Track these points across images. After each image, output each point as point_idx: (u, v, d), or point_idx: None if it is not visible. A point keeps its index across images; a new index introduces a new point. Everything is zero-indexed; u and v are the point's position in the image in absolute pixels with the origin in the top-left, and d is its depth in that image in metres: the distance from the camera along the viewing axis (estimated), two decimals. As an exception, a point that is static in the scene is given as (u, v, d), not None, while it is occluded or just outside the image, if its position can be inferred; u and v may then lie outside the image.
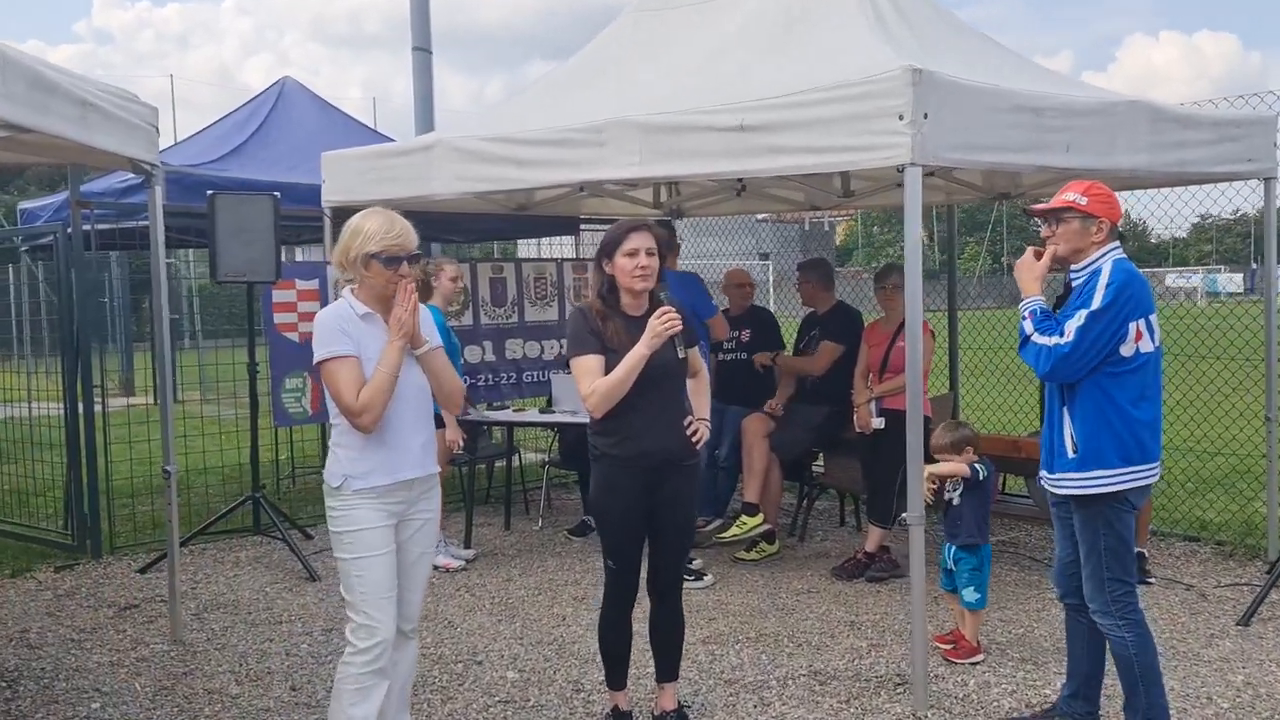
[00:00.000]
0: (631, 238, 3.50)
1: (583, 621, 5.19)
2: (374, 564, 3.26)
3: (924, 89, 3.78)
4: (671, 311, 3.43)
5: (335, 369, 3.20)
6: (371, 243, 3.21)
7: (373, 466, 3.25)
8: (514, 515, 7.35)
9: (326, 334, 3.22)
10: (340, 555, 3.30)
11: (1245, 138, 5.32)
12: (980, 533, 4.58)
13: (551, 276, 8.42)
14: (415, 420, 3.36)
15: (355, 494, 3.24)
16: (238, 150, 7.61)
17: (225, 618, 5.38)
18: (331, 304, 3.37)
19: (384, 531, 3.28)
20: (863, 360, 6.04)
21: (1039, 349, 3.41)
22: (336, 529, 3.29)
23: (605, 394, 3.45)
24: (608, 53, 6.17)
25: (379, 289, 3.26)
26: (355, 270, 3.26)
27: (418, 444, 3.36)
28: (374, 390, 3.19)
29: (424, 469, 3.38)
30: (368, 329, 3.27)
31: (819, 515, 7.08)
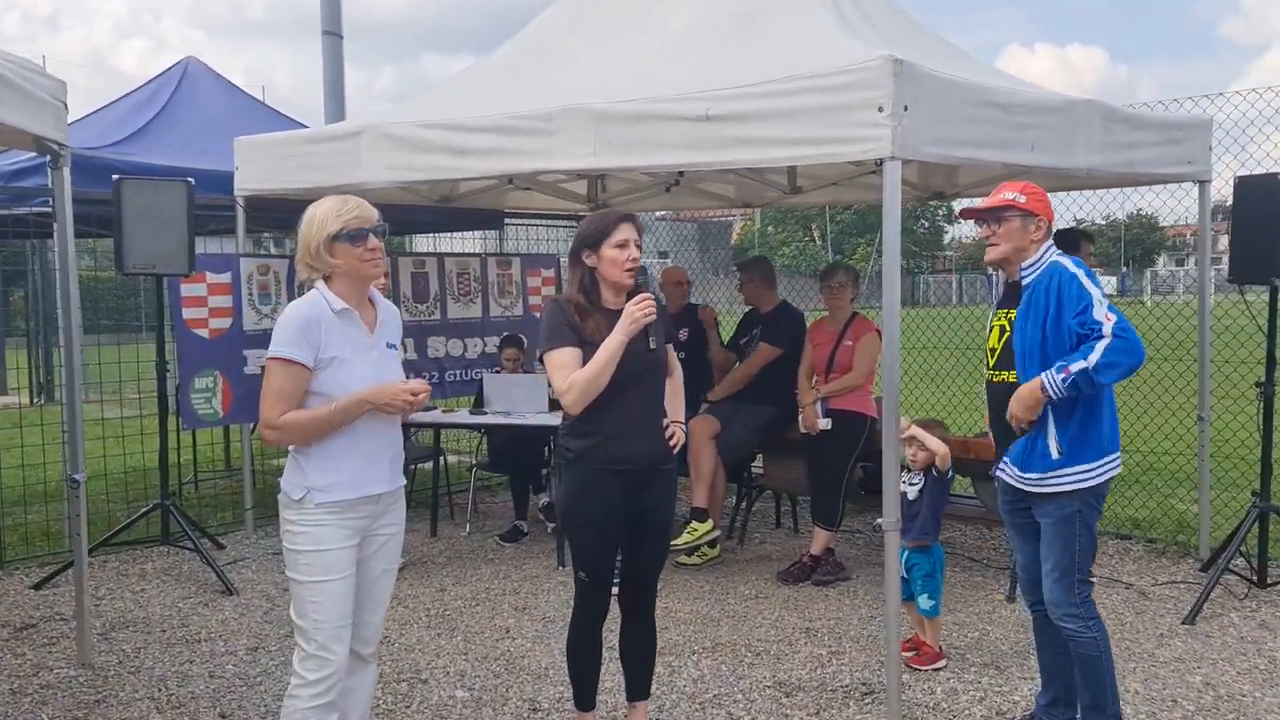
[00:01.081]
0: (622, 228, 3.29)
1: (527, 634, 4.95)
2: (332, 589, 2.99)
3: (905, 80, 3.66)
4: (650, 298, 3.22)
5: (276, 371, 2.94)
6: (330, 224, 2.96)
7: (339, 479, 2.98)
8: (440, 520, 7.04)
9: (286, 332, 2.94)
10: (295, 576, 3.02)
11: (1186, 140, 5.39)
12: (933, 531, 4.49)
13: (475, 272, 8.11)
14: (387, 429, 3.09)
15: (318, 508, 2.97)
16: (141, 133, 7.08)
17: (136, 637, 4.96)
18: (305, 296, 3.05)
19: (346, 553, 3.01)
20: (807, 360, 5.93)
21: (1103, 357, 3.22)
22: (294, 546, 3.00)
23: (584, 386, 3.22)
24: (545, 41, 5.92)
25: (353, 271, 2.99)
26: (323, 261, 2.98)
27: (388, 456, 3.11)
28: None
29: (392, 482, 3.13)
30: (343, 328, 3.00)
31: (754, 517, 6.96)
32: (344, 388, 2.94)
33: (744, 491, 6.69)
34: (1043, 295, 3.40)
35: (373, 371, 3.00)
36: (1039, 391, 3.32)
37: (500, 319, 8.21)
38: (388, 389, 2.96)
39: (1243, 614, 5.06)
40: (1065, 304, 3.32)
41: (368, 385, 2.95)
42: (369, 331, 3.06)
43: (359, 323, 3.03)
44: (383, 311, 3.16)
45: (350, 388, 2.94)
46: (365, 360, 3.01)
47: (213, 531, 6.71)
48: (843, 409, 5.68)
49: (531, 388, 6.57)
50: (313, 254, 2.98)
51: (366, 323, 3.06)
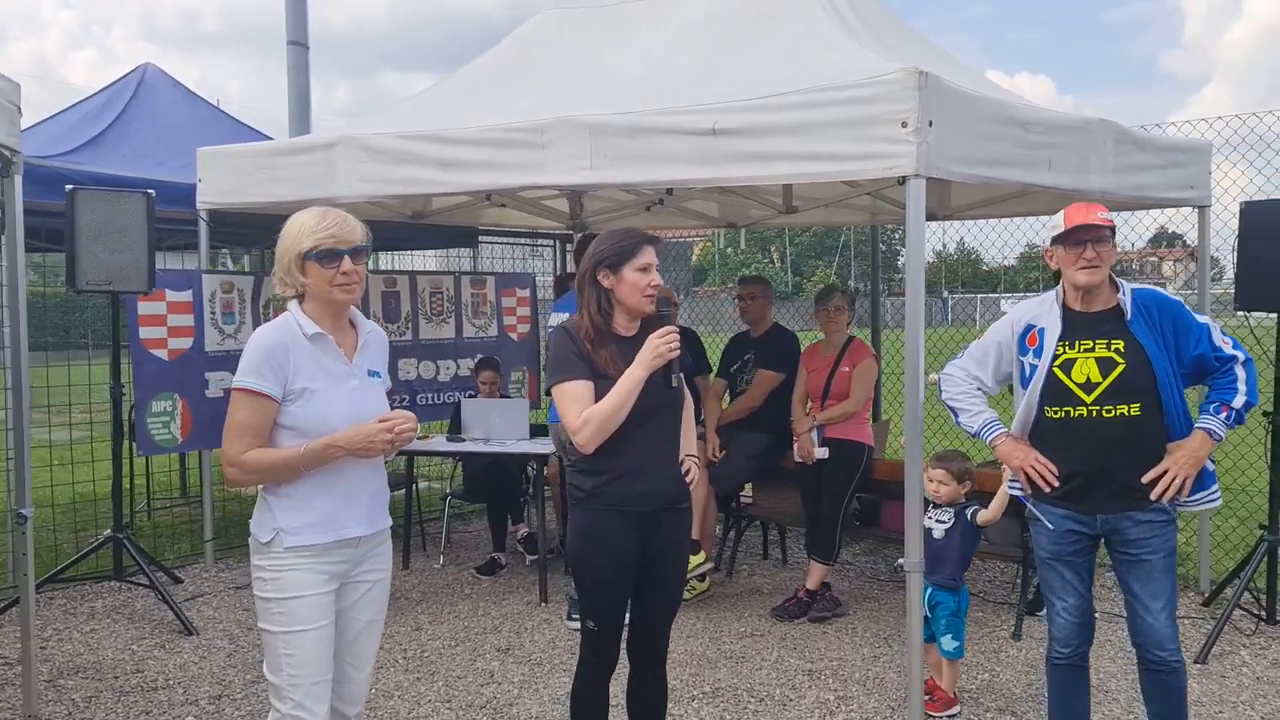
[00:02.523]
0: (646, 250, 3.03)
1: (513, 678, 4.64)
2: (308, 640, 2.71)
3: (929, 95, 3.46)
4: (675, 332, 2.97)
5: (241, 404, 2.67)
6: (303, 240, 2.69)
7: (311, 520, 2.71)
8: (411, 551, 6.71)
9: (252, 361, 2.67)
10: (266, 627, 2.74)
11: (1188, 164, 5.26)
12: (961, 573, 4.27)
13: (448, 291, 7.81)
14: (367, 465, 2.79)
15: (288, 552, 2.69)
16: (95, 142, 6.70)
17: (87, 684, 4.58)
18: (276, 320, 2.79)
19: (322, 600, 2.73)
20: (801, 386, 5.71)
21: (1250, 384, 3.21)
22: (264, 594, 2.72)
23: (601, 424, 2.95)
24: (533, 49, 5.69)
25: (323, 295, 2.72)
26: (294, 279, 2.72)
27: (368, 494, 2.81)
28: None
29: (373, 524, 2.84)
30: (316, 355, 2.73)
31: (741, 547, 6.71)
32: (317, 421, 2.68)
33: (732, 522, 6.44)
34: (1156, 322, 3.22)
35: (349, 404, 2.73)
36: (1211, 442, 3.20)
37: (474, 340, 7.91)
38: (363, 431, 2.67)
39: (1253, 651, 4.90)
40: (1185, 331, 3.20)
41: (344, 419, 2.69)
42: (347, 358, 2.79)
43: (335, 349, 2.76)
44: (365, 335, 2.88)
45: (325, 421, 2.68)
46: (341, 391, 2.74)
47: (169, 565, 6.32)
48: (840, 437, 5.46)
49: (511, 413, 6.29)
50: (285, 269, 2.73)
51: (345, 348, 2.79)
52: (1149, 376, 3.16)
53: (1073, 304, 3.31)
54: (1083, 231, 3.18)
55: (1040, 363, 3.28)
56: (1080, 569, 3.35)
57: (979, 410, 3.44)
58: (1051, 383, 3.26)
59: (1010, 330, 3.42)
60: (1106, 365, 3.20)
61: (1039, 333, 3.33)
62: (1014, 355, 3.40)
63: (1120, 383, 3.18)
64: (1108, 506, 3.24)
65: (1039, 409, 3.30)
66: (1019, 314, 3.44)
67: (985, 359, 3.48)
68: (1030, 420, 3.34)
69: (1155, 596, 3.24)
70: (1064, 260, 3.24)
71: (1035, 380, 3.29)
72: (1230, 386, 3.19)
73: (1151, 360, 3.16)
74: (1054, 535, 3.33)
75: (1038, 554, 3.44)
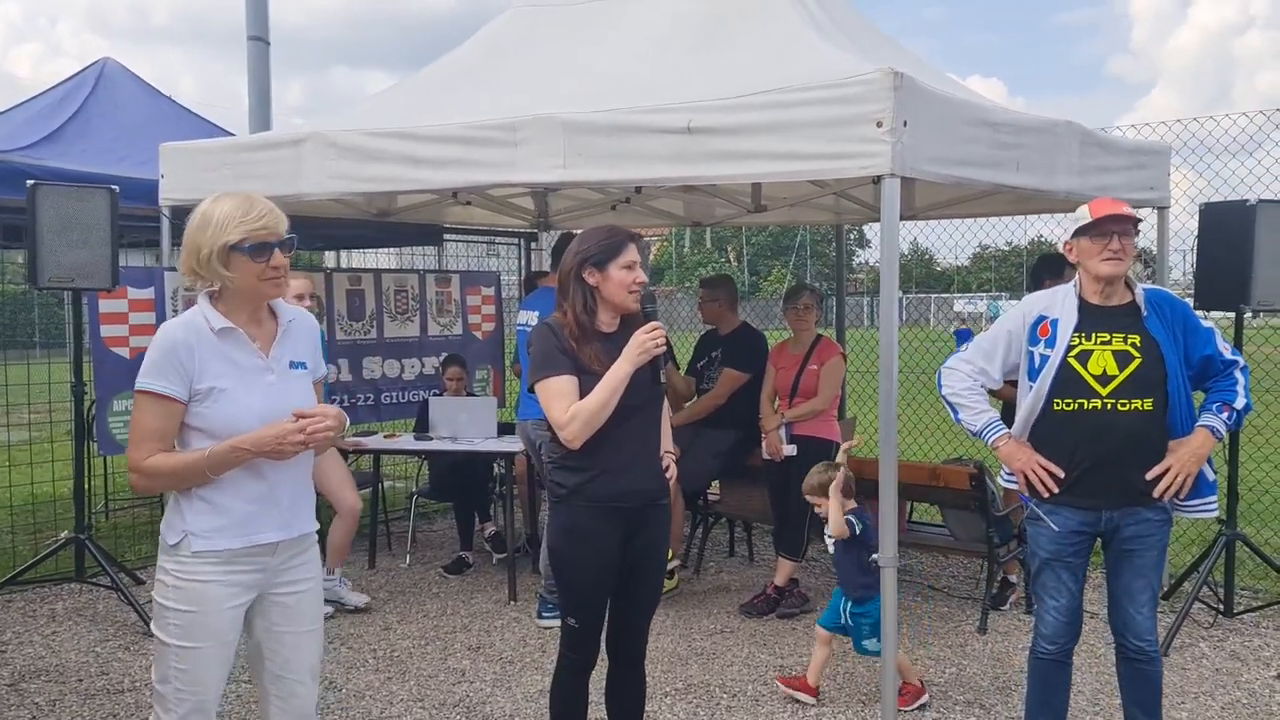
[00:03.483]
0: (631, 248, 3.05)
1: (485, 677, 4.63)
2: (204, 658, 2.53)
3: (904, 95, 3.50)
4: (660, 328, 2.99)
5: (144, 406, 2.51)
6: (229, 231, 2.50)
7: (224, 523, 2.53)
8: (377, 551, 6.66)
9: (153, 361, 2.50)
10: (160, 635, 2.55)
11: (1149, 166, 5.38)
12: (871, 583, 4.28)
13: (413, 289, 7.76)
14: (290, 465, 2.61)
15: (196, 557, 2.51)
16: (55, 135, 6.58)
17: (50, 688, 4.50)
18: (182, 315, 2.62)
19: (229, 615, 2.56)
20: (769, 384, 5.75)
21: (1247, 387, 3.33)
22: (165, 600, 2.54)
23: (588, 419, 2.95)
24: (503, 46, 5.66)
25: (249, 290, 2.56)
26: (213, 272, 2.53)
27: (288, 497, 2.64)
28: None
29: (291, 529, 2.65)
30: (225, 351, 2.55)
31: (709, 545, 6.73)
32: (226, 422, 2.51)
33: (699, 519, 6.47)
34: (1169, 320, 3.29)
35: (262, 401, 2.55)
36: (1213, 440, 3.27)
37: (439, 338, 7.87)
38: (272, 432, 2.48)
39: (1212, 644, 5.02)
40: (1194, 332, 3.28)
41: (255, 418, 2.52)
42: (262, 352, 2.61)
43: (247, 343, 2.58)
44: (285, 323, 2.69)
45: (234, 421, 2.51)
46: (255, 388, 2.56)
47: (130, 565, 6.21)
48: (808, 435, 5.50)
49: (480, 411, 6.27)
50: (202, 261, 2.52)
51: (260, 341, 2.61)
52: (1162, 372, 3.21)
53: (1090, 297, 3.34)
54: (1111, 223, 3.22)
55: (1053, 353, 3.30)
56: (1076, 569, 3.40)
57: (981, 409, 3.46)
58: (1065, 373, 3.27)
59: (1022, 320, 3.44)
60: (1123, 359, 3.22)
61: (1051, 323, 3.35)
62: (1024, 346, 3.42)
63: (1137, 377, 3.21)
64: (1113, 503, 3.28)
65: (1048, 400, 3.31)
66: (1030, 304, 3.47)
67: (994, 350, 3.48)
68: (1036, 412, 3.35)
69: (1143, 590, 3.32)
70: (1088, 251, 3.28)
71: (1046, 371, 3.30)
72: (1231, 389, 3.27)
73: (1165, 357, 3.22)
74: (1056, 536, 3.36)
75: (1034, 553, 3.46)
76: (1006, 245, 48.40)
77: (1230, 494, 5.24)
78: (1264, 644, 4.99)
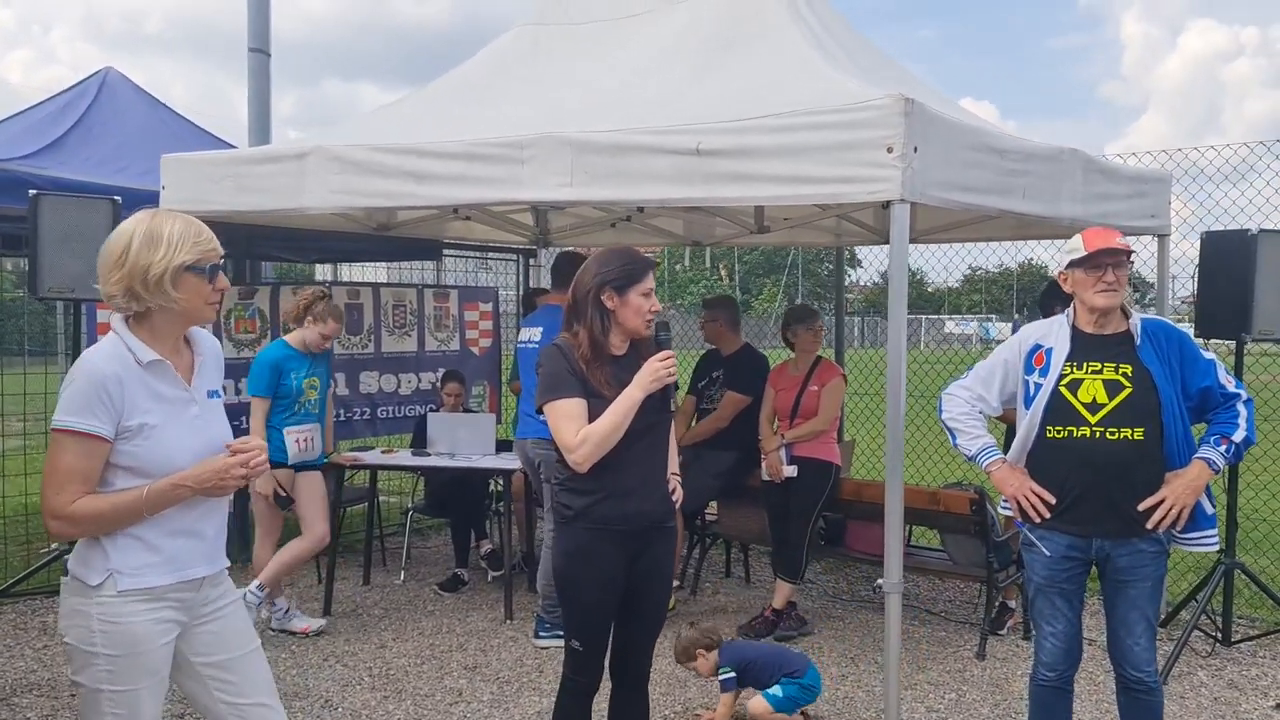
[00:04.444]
0: (650, 276, 3.08)
1: (482, 697, 4.59)
2: (143, 698, 2.39)
3: (915, 120, 3.51)
4: (673, 356, 2.98)
5: (67, 446, 2.30)
6: (184, 250, 2.38)
7: (153, 559, 2.39)
8: (372, 567, 6.61)
9: (79, 397, 2.31)
10: (86, 682, 2.37)
11: (1151, 194, 5.39)
12: (801, 663, 4.27)
13: (411, 304, 7.75)
14: (213, 499, 2.49)
15: (123, 596, 2.35)
16: (56, 145, 6.55)
17: (42, 703, 4.45)
18: (102, 346, 2.41)
19: (163, 653, 2.43)
20: (768, 404, 5.74)
21: (1250, 423, 3.29)
22: (90, 647, 2.35)
23: (598, 442, 2.94)
24: (508, 64, 5.66)
25: (192, 313, 2.45)
26: (160, 293, 2.37)
27: (212, 530, 2.53)
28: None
29: (215, 563, 2.55)
30: (152, 385, 2.39)
31: (706, 566, 6.71)
32: (160, 460, 2.37)
33: (696, 540, 6.44)
34: (1164, 351, 3.29)
35: (193, 437, 2.44)
36: (1210, 472, 3.24)
37: (436, 353, 7.86)
38: (213, 467, 2.39)
39: (1210, 672, 5.01)
40: (1192, 363, 3.27)
41: (190, 454, 2.40)
42: (185, 383, 2.47)
43: (173, 375, 2.44)
44: (199, 351, 2.56)
45: (168, 459, 2.38)
46: (182, 422, 2.43)
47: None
48: (808, 456, 5.50)
49: (478, 427, 6.25)
50: (151, 283, 2.35)
51: (182, 371, 2.47)
52: (1154, 402, 3.21)
53: (1084, 326, 3.35)
54: (1105, 255, 3.23)
55: (1046, 381, 3.31)
56: (1072, 596, 3.38)
57: (978, 434, 3.48)
58: (1056, 402, 3.29)
59: (1018, 349, 3.46)
60: (1113, 387, 3.24)
61: (1046, 353, 3.37)
62: (1020, 374, 3.43)
63: (1126, 405, 3.22)
64: (1104, 531, 3.28)
65: (1040, 428, 3.32)
66: (1027, 334, 3.49)
67: (991, 378, 3.50)
68: (1030, 440, 3.37)
69: (1139, 621, 3.30)
70: (1082, 283, 3.29)
71: (1039, 399, 3.32)
72: (1231, 421, 3.26)
73: (1158, 386, 3.22)
74: (1049, 561, 3.35)
75: (1030, 579, 3.46)
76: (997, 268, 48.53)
77: (1229, 523, 5.24)
78: (1262, 673, 4.99)
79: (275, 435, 5.23)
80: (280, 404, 5.26)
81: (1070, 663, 3.41)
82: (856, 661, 5.11)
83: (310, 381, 5.36)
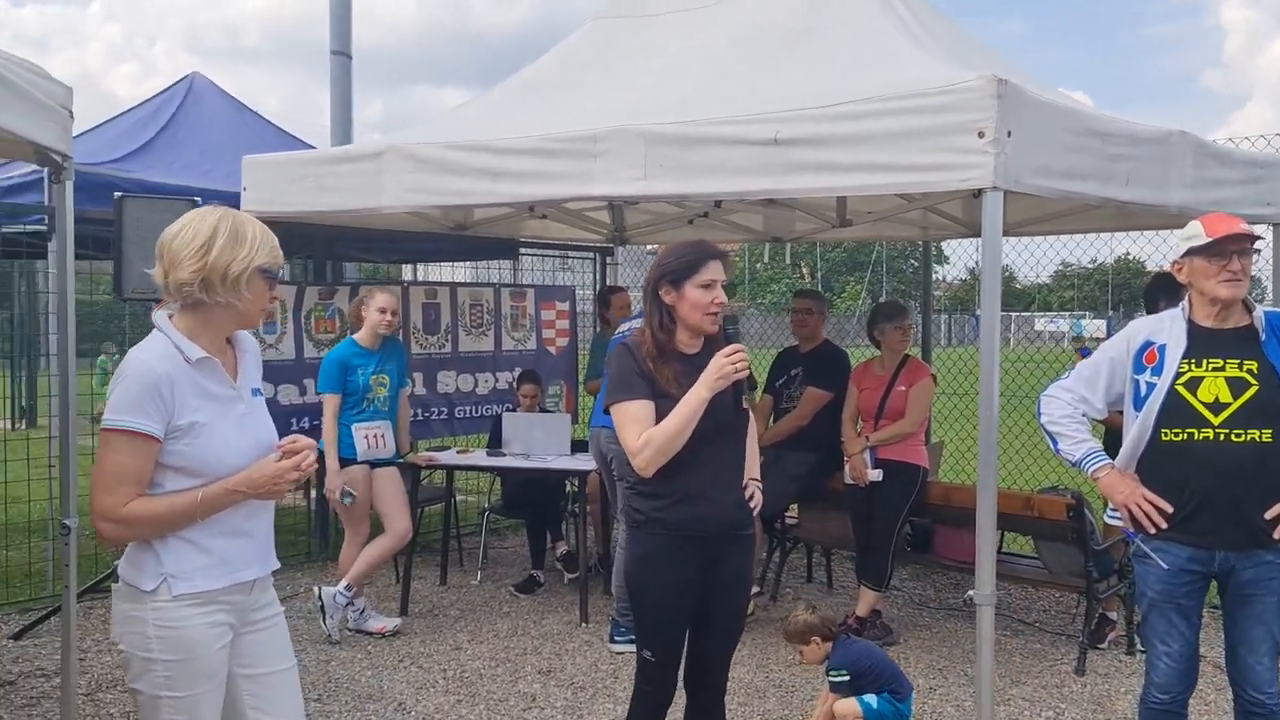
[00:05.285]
0: (710, 266, 2.90)
1: (556, 703, 4.50)
2: (203, 703, 2.35)
3: (1008, 103, 3.30)
4: (742, 350, 2.83)
5: (118, 446, 2.26)
6: (262, 253, 2.37)
7: (206, 562, 2.34)
8: (449, 567, 6.58)
9: (130, 394, 2.27)
10: (146, 689, 2.33)
11: (1266, 180, 5.05)
12: (906, 682, 4.08)
13: (488, 303, 7.72)
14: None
15: (177, 601, 2.30)
16: (144, 149, 6.69)
17: (126, 699, 4.50)
18: (151, 344, 2.36)
19: (219, 657, 2.38)
20: (851, 404, 5.55)
21: None
22: (148, 653, 2.31)
23: (661, 446, 2.82)
24: (580, 60, 5.56)
25: (250, 315, 2.43)
26: (234, 293, 2.35)
27: (262, 530, 2.49)
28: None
29: (267, 564, 2.51)
30: (201, 383, 2.35)
31: (786, 571, 6.53)
32: (212, 460, 2.34)
33: (775, 544, 6.27)
34: None
35: (243, 436, 2.40)
36: None
37: (513, 353, 7.82)
38: (266, 471, 2.34)
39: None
40: None
41: (242, 455, 2.37)
42: (232, 380, 2.44)
43: (221, 372, 2.40)
44: (241, 349, 2.53)
45: (220, 459, 2.35)
46: (231, 420, 2.39)
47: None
48: (893, 459, 5.29)
49: (553, 428, 6.17)
50: (230, 280, 2.33)
51: (227, 369, 2.44)
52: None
53: (1202, 320, 3.12)
54: (1230, 242, 3.00)
55: (1160, 380, 3.08)
56: (1189, 612, 3.14)
57: (1081, 438, 3.25)
58: (1173, 402, 3.05)
59: (1126, 346, 3.23)
60: (1238, 386, 2.99)
61: (1159, 349, 3.13)
62: (1128, 374, 3.20)
63: (1254, 405, 2.97)
64: (1228, 542, 3.03)
65: (1154, 431, 3.09)
66: (1136, 329, 3.26)
67: (1095, 378, 3.28)
68: (1143, 444, 3.13)
69: (1262, 639, 3.05)
70: (1202, 272, 3.06)
71: (1153, 399, 3.09)
72: None
73: (1265, 380, 2.97)
74: (1166, 575, 3.11)
75: (1143, 593, 3.22)
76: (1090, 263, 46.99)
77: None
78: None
79: (345, 432, 5.25)
80: (349, 400, 5.28)
81: (1186, 685, 3.17)
82: (945, 674, 4.89)
83: (379, 378, 5.36)
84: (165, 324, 2.38)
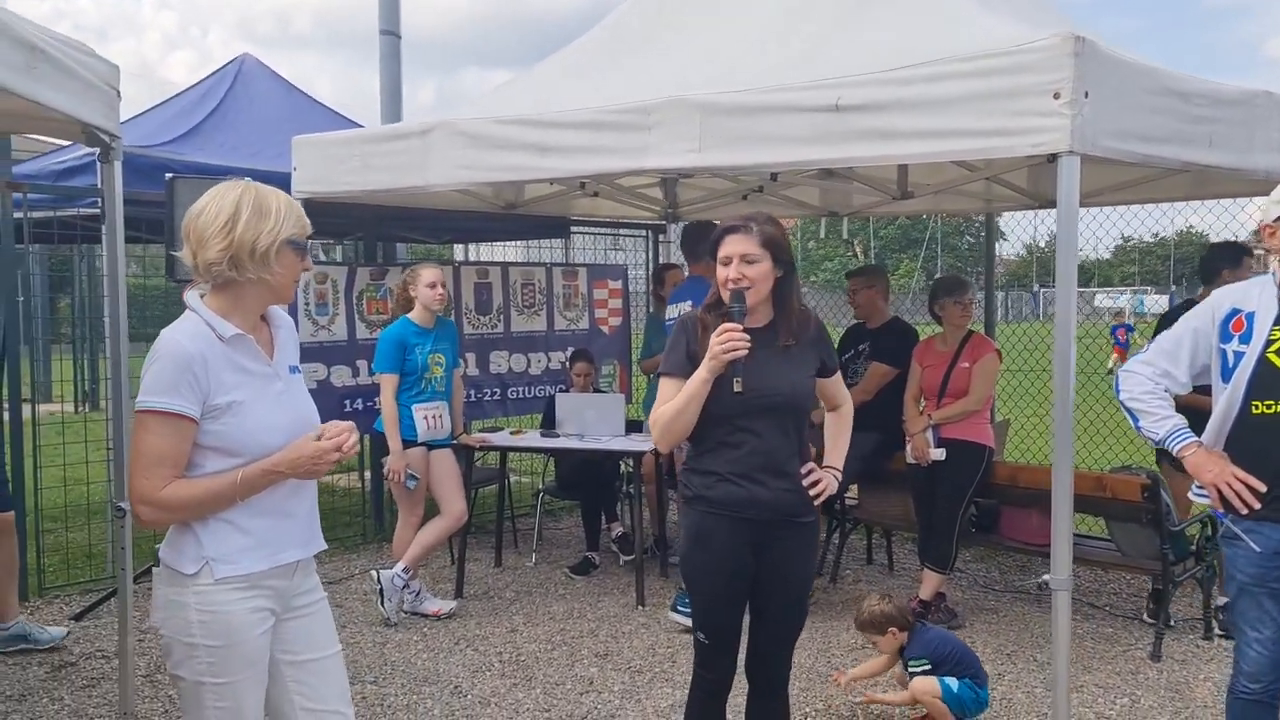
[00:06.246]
0: (728, 241, 2.80)
1: (614, 687, 4.43)
2: (245, 690, 2.30)
3: (1085, 62, 3.12)
4: (736, 329, 2.69)
5: (153, 428, 2.20)
6: (289, 225, 2.31)
7: (247, 543, 2.29)
8: (504, 548, 6.54)
9: (165, 375, 2.21)
10: (187, 675, 2.28)
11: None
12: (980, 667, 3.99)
13: (540, 283, 7.64)
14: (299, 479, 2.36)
15: (220, 584, 2.26)
16: (195, 131, 6.68)
17: (183, 681, 4.50)
18: (182, 324, 2.30)
19: (261, 642, 2.33)
20: (914, 383, 5.38)
21: None
22: (189, 638, 2.25)
23: (665, 425, 2.82)
24: (631, 31, 5.43)
25: (282, 289, 2.36)
26: (263, 267, 2.29)
27: (305, 510, 2.43)
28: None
29: (309, 546, 2.44)
30: (236, 361, 2.29)
31: (846, 553, 6.39)
32: (251, 438, 2.28)
33: (835, 525, 6.13)
34: None
35: (281, 414, 2.34)
36: None
37: (565, 332, 7.73)
38: (306, 451, 2.27)
39: None
40: None
41: (280, 433, 2.30)
42: (268, 358, 2.38)
43: (255, 349, 2.34)
44: (276, 325, 2.47)
45: (257, 438, 2.28)
46: (268, 398, 2.33)
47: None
48: (957, 438, 5.12)
49: (607, 408, 6.07)
50: (258, 255, 2.26)
51: (263, 347, 2.37)
52: None
53: None
54: None
55: (1249, 349, 2.90)
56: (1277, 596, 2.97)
57: (1165, 415, 3.08)
58: (1263, 371, 2.88)
59: (1211, 316, 3.05)
60: None
61: (1246, 317, 2.95)
62: (1214, 344, 3.02)
63: None
64: None
65: (1244, 403, 2.92)
66: (1221, 298, 3.07)
67: (1178, 350, 3.10)
68: (1231, 417, 2.96)
69: None
70: None
71: (1241, 369, 2.91)
72: None
73: None
74: (1259, 558, 2.94)
75: (1233, 576, 3.05)
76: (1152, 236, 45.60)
77: None
78: None
79: (405, 413, 5.21)
80: (407, 380, 5.24)
81: (1278, 674, 2.99)
82: (1013, 659, 4.73)
83: (435, 358, 5.30)
84: (197, 303, 2.32)
